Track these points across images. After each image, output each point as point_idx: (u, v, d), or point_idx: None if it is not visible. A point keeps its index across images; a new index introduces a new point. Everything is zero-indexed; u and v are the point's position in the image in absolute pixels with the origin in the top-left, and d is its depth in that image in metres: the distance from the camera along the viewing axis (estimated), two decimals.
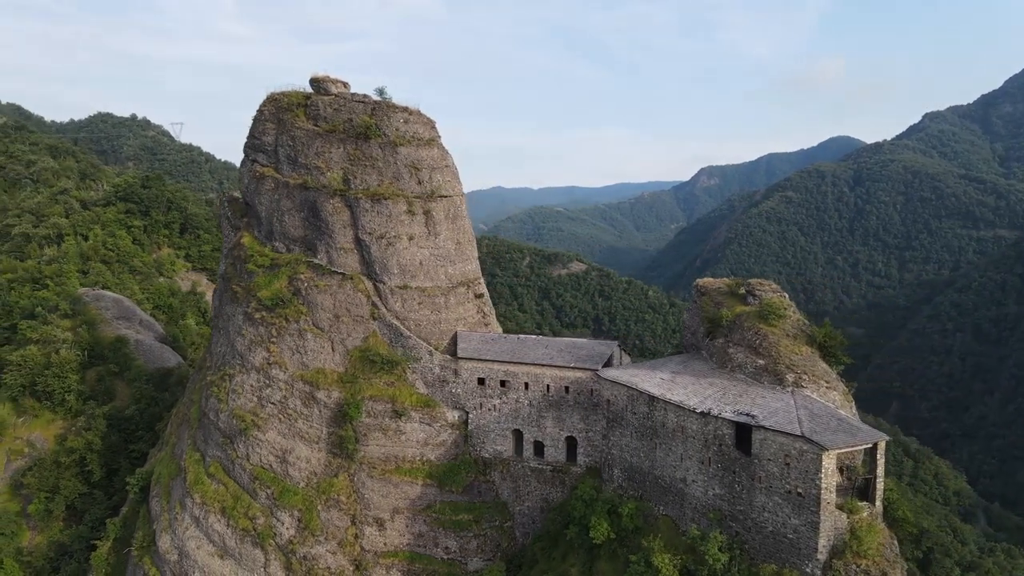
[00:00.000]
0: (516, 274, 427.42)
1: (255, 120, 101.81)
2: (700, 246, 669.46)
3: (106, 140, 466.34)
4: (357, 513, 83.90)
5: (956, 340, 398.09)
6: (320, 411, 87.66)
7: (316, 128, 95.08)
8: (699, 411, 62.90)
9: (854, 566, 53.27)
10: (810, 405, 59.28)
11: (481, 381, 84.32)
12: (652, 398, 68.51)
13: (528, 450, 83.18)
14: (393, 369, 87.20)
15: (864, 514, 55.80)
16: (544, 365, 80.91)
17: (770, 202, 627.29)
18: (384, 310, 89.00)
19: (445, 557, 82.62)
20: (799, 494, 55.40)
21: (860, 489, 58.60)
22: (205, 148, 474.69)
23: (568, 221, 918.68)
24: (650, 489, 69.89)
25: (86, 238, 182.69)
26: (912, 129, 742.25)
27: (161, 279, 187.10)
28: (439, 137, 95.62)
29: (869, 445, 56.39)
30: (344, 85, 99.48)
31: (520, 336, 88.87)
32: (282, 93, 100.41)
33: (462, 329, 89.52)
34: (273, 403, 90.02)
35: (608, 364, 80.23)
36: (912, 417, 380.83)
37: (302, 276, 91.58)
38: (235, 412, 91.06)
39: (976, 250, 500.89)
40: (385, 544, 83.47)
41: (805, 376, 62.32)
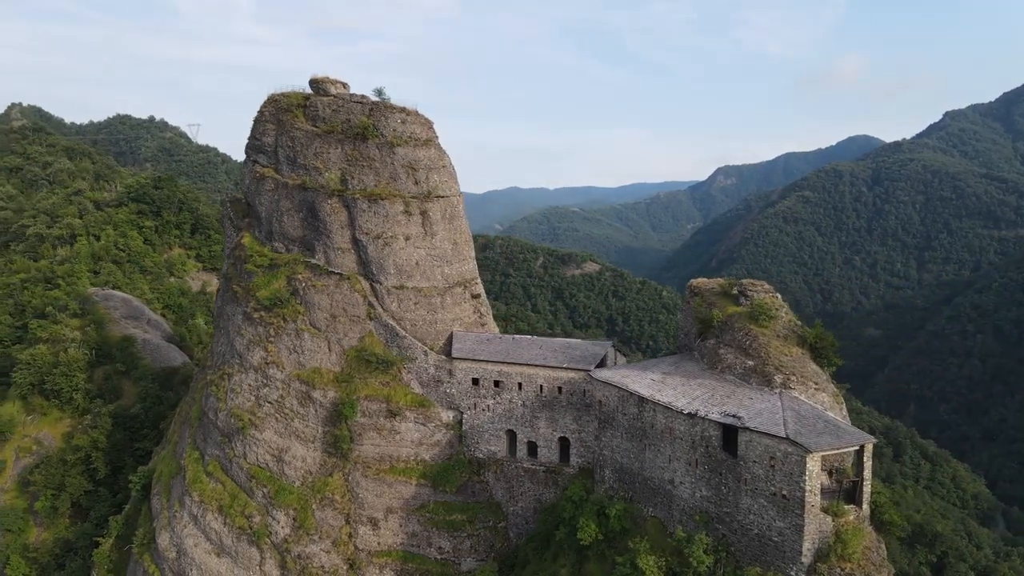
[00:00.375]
0: (530, 274, 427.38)
1: (255, 121, 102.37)
2: (716, 246, 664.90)
3: (124, 142, 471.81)
4: (351, 512, 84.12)
5: (976, 342, 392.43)
6: (316, 410, 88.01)
7: (315, 129, 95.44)
8: (686, 412, 62.42)
9: (838, 570, 52.55)
10: (797, 407, 58.59)
11: (475, 381, 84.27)
12: (642, 399, 68.10)
13: (522, 450, 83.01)
14: (388, 369, 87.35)
15: (850, 517, 55.05)
16: (537, 366, 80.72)
17: (787, 202, 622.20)
18: (380, 310, 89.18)
19: (438, 557, 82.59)
20: (784, 496, 54.76)
21: (848, 492, 57.82)
22: (222, 149, 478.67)
23: (584, 221, 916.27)
24: (639, 490, 69.45)
25: (98, 238, 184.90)
26: (932, 128, 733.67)
27: (172, 279, 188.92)
28: (436, 137, 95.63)
29: (855, 447, 55.63)
30: (343, 86, 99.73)
31: (515, 336, 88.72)
32: (282, 94, 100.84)
33: (458, 329, 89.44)
34: (270, 402, 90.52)
35: (602, 365, 79.86)
36: (930, 419, 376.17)
37: (300, 276, 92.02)
38: (233, 411, 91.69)
39: (997, 250, 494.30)
40: (379, 543, 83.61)
41: (793, 377, 61.63)
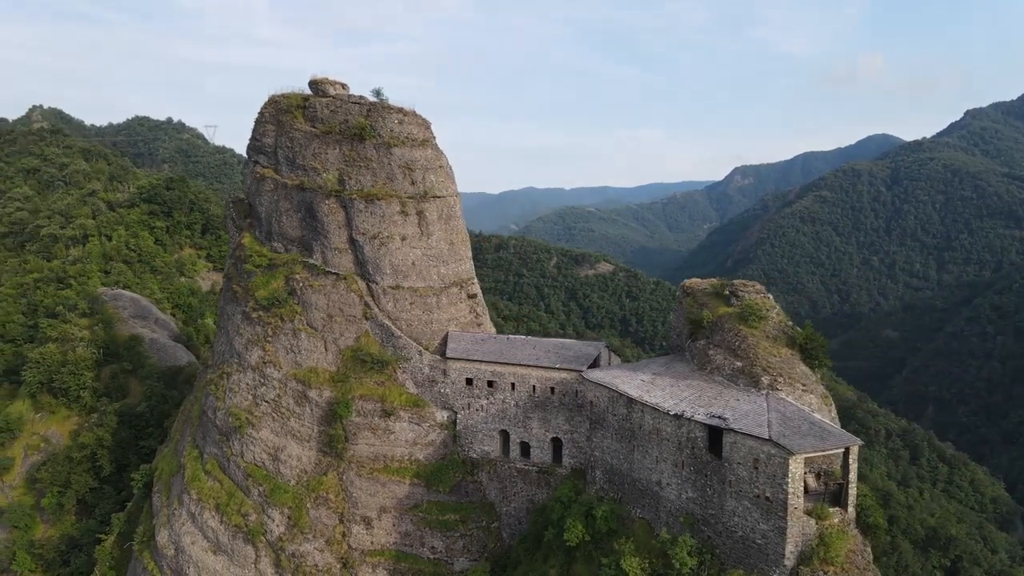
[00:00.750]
0: (543, 274, 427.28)
1: (256, 122, 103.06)
2: (732, 246, 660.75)
3: (143, 143, 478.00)
4: (345, 511, 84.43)
5: (996, 343, 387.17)
6: (312, 410, 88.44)
7: (313, 130, 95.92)
8: (673, 413, 62.03)
9: (821, 573, 51.83)
10: (783, 408, 58.02)
11: (469, 381, 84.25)
12: (630, 400, 67.73)
13: (515, 451, 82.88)
14: (384, 369, 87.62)
15: (835, 520, 54.41)
16: (530, 366, 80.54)
17: (804, 202, 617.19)
18: (376, 310, 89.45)
19: (431, 557, 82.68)
20: (767, 499, 54.23)
21: (833, 494, 57.17)
22: (238, 150, 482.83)
23: (599, 221, 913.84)
24: (628, 492, 69.11)
25: (110, 239, 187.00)
26: (953, 126, 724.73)
27: (182, 279, 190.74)
28: (433, 138, 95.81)
29: (840, 450, 55.00)
30: (342, 87, 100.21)
31: (509, 336, 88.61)
32: (282, 95, 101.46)
33: (454, 329, 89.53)
34: (267, 401, 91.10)
35: (595, 365, 79.53)
36: (949, 422, 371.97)
37: (298, 276, 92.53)
38: (231, 410, 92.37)
39: (1019, 251, 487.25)
40: (372, 543, 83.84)
41: (781, 378, 61.02)
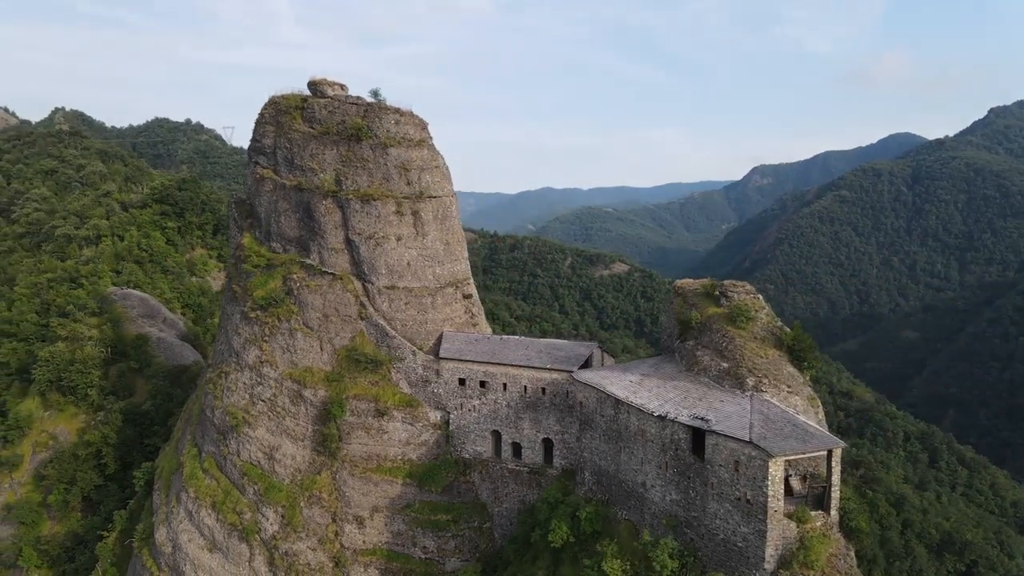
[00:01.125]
0: (558, 275, 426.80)
1: (256, 123, 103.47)
2: (750, 247, 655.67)
3: (162, 144, 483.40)
4: (338, 511, 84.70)
5: (1019, 344, 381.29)
6: (307, 409, 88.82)
7: (311, 130, 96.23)
8: (657, 415, 61.57)
9: None
10: (766, 410, 57.36)
11: (462, 381, 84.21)
12: (617, 401, 67.34)
13: (506, 451, 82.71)
14: (378, 369, 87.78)
15: (817, 524, 53.70)
16: (521, 366, 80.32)
17: (823, 201, 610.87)
18: (372, 310, 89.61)
19: (423, 556, 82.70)
20: (748, 501, 53.67)
21: (817, 497, 56.44)
22: None
23: (616, 222, 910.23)
24: (615, 493, 68.70)
25: (122, 239, 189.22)
26: (976, 124, 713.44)
27: (193, 279, 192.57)
28: (430, 138, 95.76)
29: (821, 452, 54.28)
30: (341, 87, 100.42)
31: (503, 337, 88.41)
32: (281, 96, 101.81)
33: (448, 329, 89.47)
34: (263, 401, 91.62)
35: (587, 365, 79.14)
36: (970, 424, 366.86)
37: (295, 276, 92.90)
38: (228, 409, 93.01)
39: None
40: (364, 542, 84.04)
41: (766, 380, 60.38)
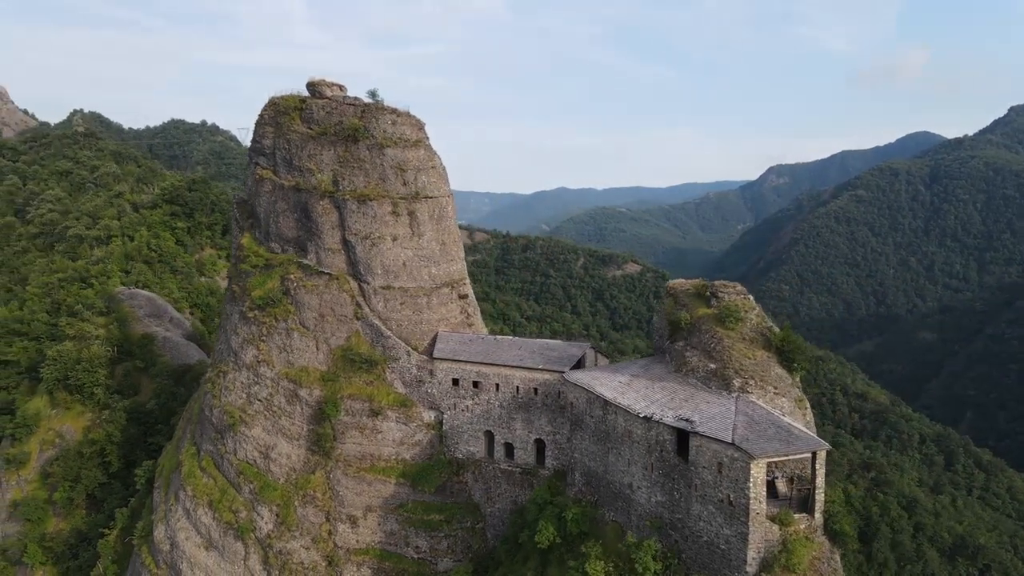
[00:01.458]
0: (570, 275, 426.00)
1: (256, 124, 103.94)
2: (765, 247, 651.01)
3: (178, 146, 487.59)
4: (331, 510, 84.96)
5: None
6: (302, 408, 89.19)
7: (309, 131, 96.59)
8: (642, 416, 61.25)
9: None
10: (751, 411, 56.89)
11: (455, 382, 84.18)
12: (605, 402, 67.07)
13: (499, 452, 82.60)
14: (373, 368, 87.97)
15: (800, 526, 53.18)
16: (514, 367, 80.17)
17: (839, 201, 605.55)
18: (367, 310, 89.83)
19: (415, 556, 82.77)
20: (730, 503, 53.27)
21: (802, 500, 55.87)
22: None
23: (631, 222, 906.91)
24: (603, 494, 68.44)
25: (132, 239, 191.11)
26: (997, 123, 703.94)
27: (202, 279, 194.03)
28: (427, 138, 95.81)
29: (805, 454, 53.76)
30: (340, 88, 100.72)
31: (497, 337, 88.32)
32: (281, 97, 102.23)
33: (443, 330, 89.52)
34: (260, 400, 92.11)
35: (579, 366, 78.84)
36: (988, 427, 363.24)
37: (292, 276, 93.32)
38: (225, 408, 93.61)
39: None
40: (357, 541, 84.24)
41: (752, 381, 59.86)
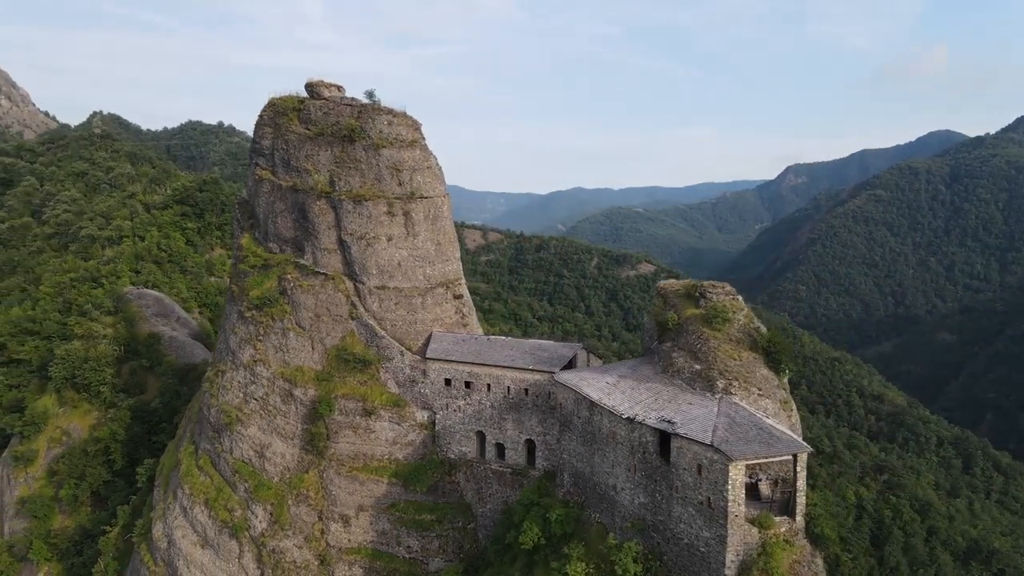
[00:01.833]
0: (584, 275, 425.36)
1: (256, 124, 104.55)
2: (782, 247, 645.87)
3: (195, 147, 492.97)
4: (324, 509, 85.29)
5: None
6: (297, 408, 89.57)
7: (307, 131, 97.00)
8: (625, 417, 60.88)
9: None
10: (733, 413, 56.37)
11: (448, 382, 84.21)
12: (592, 403, 66.73)
13: (491, 452, 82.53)
14: (366, 368, 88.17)
15: (780, 529, 52.60)
16: (505, 367, 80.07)
17: (857, 201, 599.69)
18: (362, 310, 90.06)
19: (407, 556, 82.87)
20: (710, 505, 52.79)
21: (784, 503, 55.28)
22: None
23: (647, 222, 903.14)
24: (590, 495, 68.12)
25: (143, 239, 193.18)
26: (1019, 121, 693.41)
27: (211, 279, 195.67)
28: (423, 139, 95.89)
29: (785, 456, 53.19)
30: (338, 89, 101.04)
31: (490, 337, 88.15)
32: (280, 98, 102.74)
33: (438, 330, 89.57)
34: (256, 399, 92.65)
35: (570, 366, 78.56)
36: (1009, 430, 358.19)
37: (289, 276, 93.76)
38: (223, 407, 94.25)
39: None
40: (349, 540, 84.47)
41: (736, 382, 59.30)
